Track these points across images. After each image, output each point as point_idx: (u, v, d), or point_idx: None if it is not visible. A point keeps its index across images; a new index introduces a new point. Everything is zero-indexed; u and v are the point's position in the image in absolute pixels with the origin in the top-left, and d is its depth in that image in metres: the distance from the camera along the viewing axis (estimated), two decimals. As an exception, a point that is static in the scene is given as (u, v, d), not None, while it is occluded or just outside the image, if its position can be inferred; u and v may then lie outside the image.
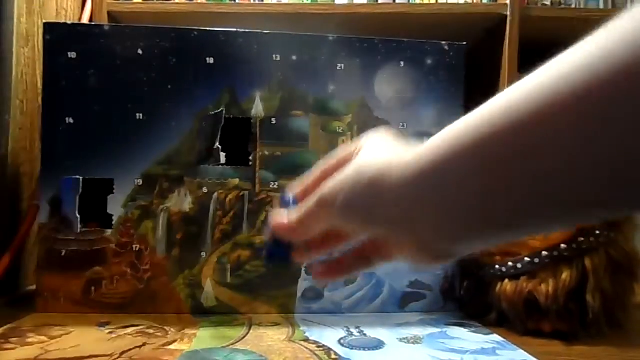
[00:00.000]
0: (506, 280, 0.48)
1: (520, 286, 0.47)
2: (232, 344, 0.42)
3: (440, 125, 0.24)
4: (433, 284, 0.55)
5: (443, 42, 0.54)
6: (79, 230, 0.50)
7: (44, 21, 0.54)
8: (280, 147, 0.53)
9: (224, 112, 0.51)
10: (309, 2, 0.78)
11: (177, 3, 0.77)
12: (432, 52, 0.54)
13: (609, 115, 0.17)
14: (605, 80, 0.17)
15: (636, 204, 0.19)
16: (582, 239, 0.46)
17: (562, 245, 0.46)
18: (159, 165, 0.51)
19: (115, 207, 0.51)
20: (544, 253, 0.46)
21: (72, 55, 0.50)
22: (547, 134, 0.19)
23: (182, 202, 0.51)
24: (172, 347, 0.41)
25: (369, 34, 0.54)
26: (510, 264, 0.48)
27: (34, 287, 0.52)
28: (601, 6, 0.79)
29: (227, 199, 0.52)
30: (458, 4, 0.77)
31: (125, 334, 0.44)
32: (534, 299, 0.46)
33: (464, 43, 0.55)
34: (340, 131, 0.53)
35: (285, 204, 0.33)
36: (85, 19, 0.74)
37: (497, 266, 0.49)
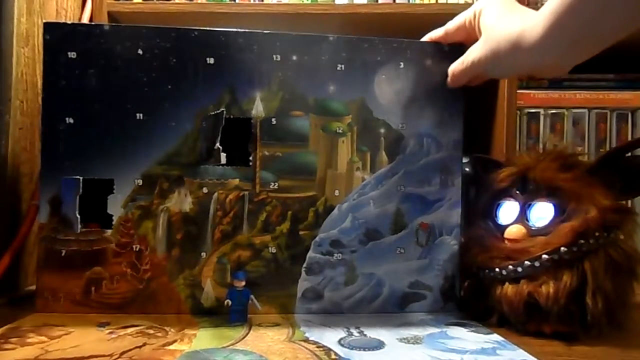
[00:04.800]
0: (506, 284, 0.48)
1: (520, 289, 0.47)
2: (232, 344, 0.42)
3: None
4: (433, 284, 0.55)
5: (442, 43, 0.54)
6: (79, 230, 0.50)
7: (44, 21, 0.54)
8: (280, 147, 0.53)
9: (224, 112, 0.51)
10: (309, 2, 0.78)
11: (177, 3, 0.77)
12: (432, 52, 0.54)
13: None
14: None
15: None
16: (582, 241, 0.46)
17: (563, 249, 0.46)
18: (159, 165, 0.51)
19: (115, 207, 0.51)
20: (544, 257, 0.46)
21: (72, 55, 0.50)
22: None
23: (182, 202, 0.51)
24: (172, 347, 0.41)
25: (369, 34, 0.54)
26: (510, 267, 0.48)
27: (34, 287, 0.52)
28: (601, 6, 0.78)
29: (227, 199, 0.52)
30: (458, 4, 0.77)
31: (125, 334, 0.44)
32: (535, 301, 0.46)
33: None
34: (340, 131, 0.53)
35: (237, 278, 0.49)
36: (85, 19, 0.74)
37: (497, 269, 0.49)
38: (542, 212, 0.50)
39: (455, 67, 0.51)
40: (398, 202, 0.54)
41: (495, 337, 0.46)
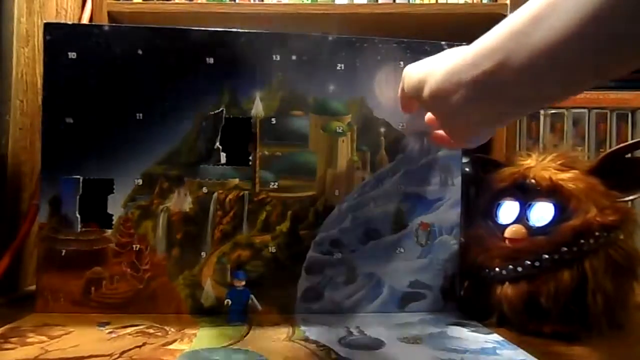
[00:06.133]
0: (507, 284, 0.48)
1: (520, 289, 0.47)
2: (232, 344, 0.42)
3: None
4: (433, 284, 0.55)
5: (443, 42, 0.54)
6: (79, 230, 0.50)
7: (44, 21, 0.54)
8: (280, 147, 0.53)
9: (224, 112, 0.51)
10: (309, 2, 0.78)
11: (177, 3, 0.77)
12: (432, 52, 0.53)
13: None
14: None
15: None
16: (583, 241, 0.46)
17: (563, 249, 0.46)
18: (159, 165, 0.51)
19: (115, 207, 0.51)
20: (545, 256, 0.46)
21: (72, 55, 0.50)
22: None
23: (182, 202, 0.51)
24: (172, 346, 0.41)
25: (369, 34, 0.54)
26: (510, 267, 0.48)
27: (34, 287, 0.52)
28: (601, 6, 0.78)
29: (227, 199, 0.52)
30: (458, 4, 0.77)
31: (125, 333, 0.44)
32: (535, 301, 0.46)
33: (464, 43, 0.55)
34: (340, 131, 0.53)
35: (237, 277, 0.50)
36: (85, 19, 0.74)
37: (497, 269, 0.49)
38: (542, 212, 0.50)
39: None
40: (398, 201, 0.54)
41: (495, 337, 0.46)
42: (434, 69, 0.39)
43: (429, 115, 0.47)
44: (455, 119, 0.38)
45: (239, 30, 0.52)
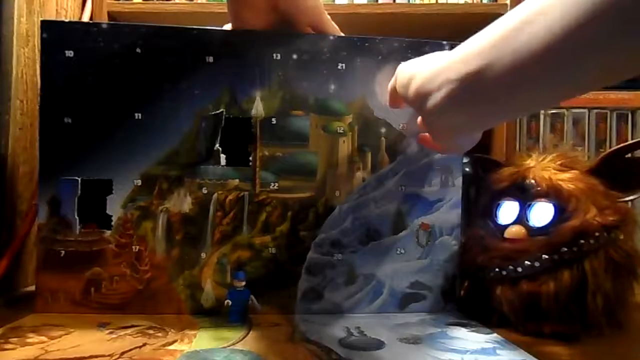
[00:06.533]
0: (507, 284, 0.48)
1: (520, 289, 0.47)
2: (232, 344, 0.42)
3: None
4: (433, 284, 0.54)
5: (443, 42, 0.54)
6: (78, 230, 0.50)
7: (41, 19, 0.53)
8: (280, 147, 0.52)
9: (224, 112, 0.51)
10: (309, 2, 0.78)
11: (177, 3, 0.77)
12: (433, 51, 0.53)
13: None
14: None
15: None
16: (583, 241, 0.46)
17: (563, 249, 0.46)
18: (158, 165, 0.51)
19: (114, 207, 0.50)
20: (544, 257, 0.46)
21: (70, 54, 0.50)
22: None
23: (181, 202, 0.51)
24: (172, 347, 0.41)
25: (369, 34, 0.54)
26: (510, 267, 0.48)
27: (33, 287, 0.52)
28: (601, 6, 0.78)
29: (227, 200, 0.52)
30: (458, 4, 0.77)
31: (125, 334, 0.44)
32: (535, 302, 0.46)
33: (464, 43, 0.55)
34: (341, 131, 0.53)
35: (237, 278, 0.49)
36: (85, 19, 0.74)
37: (497, 269, 0.49)
38: (542, 212, 0.50)
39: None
40: (399, 202, 0.54)
41: (495, 337, 0.46)
42: (421, 68, 0.39)
43: (420, 118, 0.47)
44: (437, 120, 0.38)
45: (239, 29, 0.52)
